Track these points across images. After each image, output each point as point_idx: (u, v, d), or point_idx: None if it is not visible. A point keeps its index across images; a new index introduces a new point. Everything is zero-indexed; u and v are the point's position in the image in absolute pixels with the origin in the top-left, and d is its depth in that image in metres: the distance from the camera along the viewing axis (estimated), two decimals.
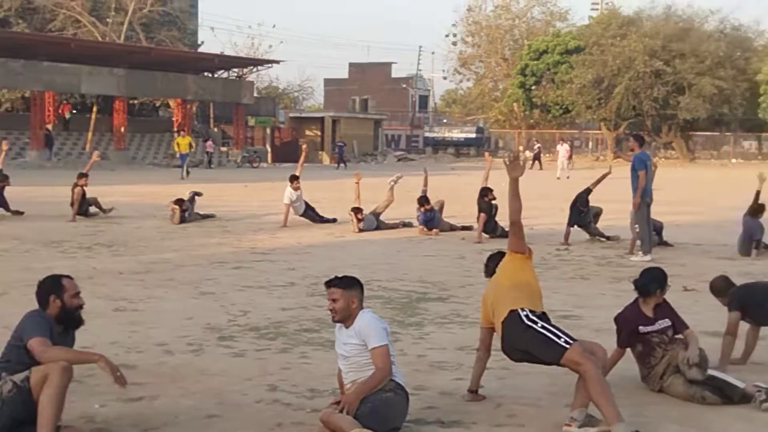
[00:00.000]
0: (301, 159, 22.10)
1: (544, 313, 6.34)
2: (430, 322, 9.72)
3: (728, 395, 6.66)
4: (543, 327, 6.12)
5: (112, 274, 12.86)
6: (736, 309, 7.75)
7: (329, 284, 6.18)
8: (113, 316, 9.92)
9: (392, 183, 19.93)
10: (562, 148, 46.15)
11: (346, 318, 6.07)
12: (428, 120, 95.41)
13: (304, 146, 24.21)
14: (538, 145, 60.25)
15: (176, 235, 17.98)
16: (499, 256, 6.89)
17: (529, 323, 6.15)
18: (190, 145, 41.76)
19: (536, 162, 51.96)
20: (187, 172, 39.34)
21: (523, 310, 6.24)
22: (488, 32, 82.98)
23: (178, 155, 43.33)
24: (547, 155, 61.47)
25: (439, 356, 8.18)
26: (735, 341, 7.73)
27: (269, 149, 63.34)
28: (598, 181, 17.55)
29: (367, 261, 14.47)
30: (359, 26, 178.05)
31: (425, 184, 19.05)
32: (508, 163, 6.57)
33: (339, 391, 6.34)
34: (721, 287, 8.11)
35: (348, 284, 6.14)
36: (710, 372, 6.81)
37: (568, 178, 40.42)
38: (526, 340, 6.14)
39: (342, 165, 55.22)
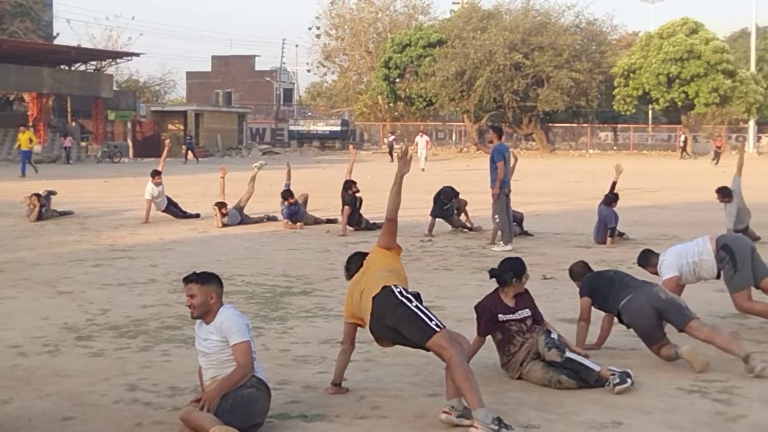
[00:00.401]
0: (164, 154, 21.70)
1: (418, 294, 6.36)
2: (294, 316, 9.67)
3: (584, 378, 6.84)
4: (416, 306, 6.12)
5: None
6: (586, 295, 7.99)
7: (187, 280, 6.09)
8: None
9: (256, 168, 19.82)
10: (421, 140, 46.46)
11: (204, 314, 5.99)
12: (293, 113, 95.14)
13: (166, 141, 23.81)
14: (393, 137, 60.61)
15: (32, 233, 17.42)
16: (359, 257, 6.91)
17: (403, 299, 6.14)
18: (30, 140, 39.71)
19: (391, 154, 52.23)
20: (35, 169, 37.63)
21: (396, 287, 6.25)
22: (352, 25, 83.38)
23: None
24: (409, 147, 61.94)
25: (303, 350, 8.15)
26: (588, 326, 7.94)
27: (130, 144, 62.04)
28: (462, 205, 17.76)
29: (231, 256, 14.32)
30: (222, 19, 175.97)
31: (288, 178, 18.98)
32: (400, 157, 6.65)
33: (200, 388, 6.25)
34: (578, 272, 8.35)
35: (205, 279, 6.06)
36: (568, 355, 6.98)
37: (423, 170, 40.62)
38: (398, 316, 6.12)
39: (189, 158, 54.34)
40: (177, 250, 15.11)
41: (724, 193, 15.04)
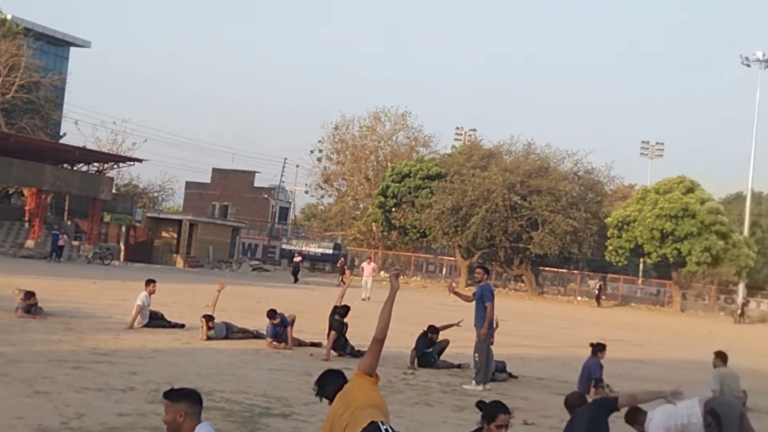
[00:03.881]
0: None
1: None
2: None
3: None
4: None
5: None
6: None
7: (164, 396, 6.06)
8: None
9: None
10: (368, 267, 43.09)
11: (175, 431, 5.93)
12: (287, 232, 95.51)
13: (348, 274, 21.61)
14: (299, 258, 59.72)
15: (15, 329, 17.28)
16: (335, 378, 6.85)
17: None
18: None
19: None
20: None
21: (383, 423, 6.22)
22: (353, 151, 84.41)
23: None
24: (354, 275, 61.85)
25: None
26: None
27: (122, 247, 62.11)
28: (446, 327, 17.73)
29: (212, 370, 14.20)
30: (227, 132, 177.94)
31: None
32: (395, 276, 6.95)
33: None
34: (573, 404, 8.33)
35: (176, 397, 6.01)
36: None
37: (369, 298, 38.48)
38: None
39: (56, 257, 51.16)
40: (158, 359, 14.99)
41: (722, 358, 14.85)
